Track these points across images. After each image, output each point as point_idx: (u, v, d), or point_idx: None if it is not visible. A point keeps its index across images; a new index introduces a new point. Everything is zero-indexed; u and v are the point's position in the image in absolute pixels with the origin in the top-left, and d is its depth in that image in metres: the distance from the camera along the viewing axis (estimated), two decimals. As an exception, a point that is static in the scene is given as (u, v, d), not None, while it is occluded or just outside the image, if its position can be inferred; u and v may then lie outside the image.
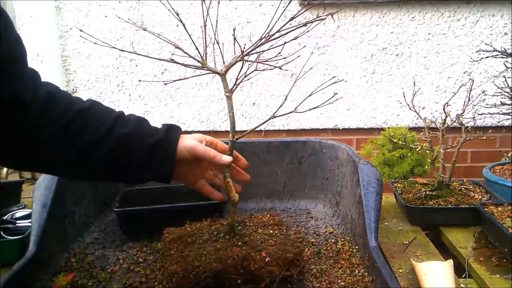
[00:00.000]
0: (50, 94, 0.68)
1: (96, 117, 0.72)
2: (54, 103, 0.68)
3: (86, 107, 0.72)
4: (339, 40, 2.28)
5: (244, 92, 2.34)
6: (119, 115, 0.75)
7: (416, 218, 1.19)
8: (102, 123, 0.72)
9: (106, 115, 0.73)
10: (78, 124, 0.69)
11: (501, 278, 0.92)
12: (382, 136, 1.35)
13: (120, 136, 0.72)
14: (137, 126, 0.75)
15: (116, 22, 2.27)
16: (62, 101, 0.70)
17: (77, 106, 0.71)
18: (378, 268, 0.79)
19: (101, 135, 0.71)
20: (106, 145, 0.71)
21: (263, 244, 0.85)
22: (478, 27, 2.28)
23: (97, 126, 0.71)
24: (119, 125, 0.73)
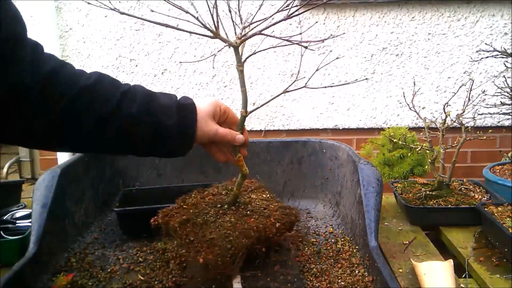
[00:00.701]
0: (53, 71, 0.65)
1: (102, 93, 0.69)
2: (57, 80, 0.65)
3: (92, 83, 0.68)
4: (339, 40, 2.28)
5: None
6: (126, 91, 0.71)
7: (416, 218, 1.19)
8: (109, 99, 0.69)
9: (113, 91, 0.70)
10: (83, 101, 0.66)
11: (501, 278, 0.92)
12: (382, 136, 1.35)
13: (128, 115, 0.70)
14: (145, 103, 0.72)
15: (116, 22, 2.27)
16: (66, 78, 0.66)
17: (82, 82, 0.67)
18: (378, 268, 0.79)
19: (109, 111, 0.68)
20: (115, 122, 0.69)
21: (266, 210, 0.91)
22: (478, 27, 2.28)
23: (102, 104, 0.68)
24: (126, 101, 0.70)
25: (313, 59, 2.25)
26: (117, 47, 2.30)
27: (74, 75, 0.68)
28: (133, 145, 0.73)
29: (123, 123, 0.69)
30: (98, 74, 0.70)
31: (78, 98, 0.66)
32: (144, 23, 2.26)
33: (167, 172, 1.29)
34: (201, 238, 0.80)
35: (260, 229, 0.84)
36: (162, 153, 0.77)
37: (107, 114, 0.68)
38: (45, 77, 0.64)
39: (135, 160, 1.28)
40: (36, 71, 0.63)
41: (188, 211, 0.87)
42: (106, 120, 0.68)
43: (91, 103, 0.67)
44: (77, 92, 0.66)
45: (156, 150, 0.75)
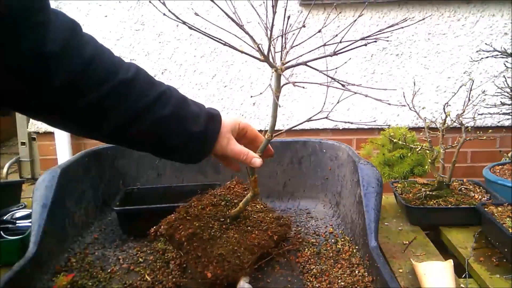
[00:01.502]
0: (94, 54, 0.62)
1: (138, 90, 0.67)
2: (96, 67, 0.62)
3: (130, 78, 0.66)
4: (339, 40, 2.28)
5: (244, 92, 2.34)
6: (162, 92, 0.70)
7: (416, 218, 1.19)
8: (143, 98, 0.67)
9: (149, 90, 0.69)
10: (118, 95, 0.64)
11: (501, 278, 0.92)
12: (382, 136, 1.35)
13: (158, 117, 0.69)
14: (178, 108, 0.72)
15: (116, 22, 2.27)
16: (105, 66, 0.63)
17: (120, 75, 0.65)
18: (378, 268, 0.79)
19: (139, 111, 0.67)
20: (144, 122, 0.68)
21: (263, 223, 0.96)
22: (478, 27, 2.28)
23: (137, 101, 0.67)
24: (159, 104, 0.69)
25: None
26: (117, 47, 2.30)
27: (113, 66, 0.65)
28: (156, 145, 0.73)
29: (152, 124, 0.69)
30: (136, 68, 0.69)
31: (114, 91, 0.64)
32: (144, 23, 2.26)
33: (167, 173, 1.29)
34: (209, 254, 0.81)
35: (262, 246, 0.89)
36: (180, 157, 0.77)
37: (138, 112, 0.67)
38: (84, 62, 0.60)
39: (135, 161, 1.28)
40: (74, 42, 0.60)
41: (192, 224, 0.87)
42: (136, 118, 0.67)
43: (125, 98, 0.66)
44: (114, 85, 0.64)
45: (175, 153, 0.76)
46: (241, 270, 0.81)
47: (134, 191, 1.19)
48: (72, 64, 0.59)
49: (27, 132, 2.61)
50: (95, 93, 0.62)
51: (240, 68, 2.30)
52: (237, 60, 2.29)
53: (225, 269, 0.79)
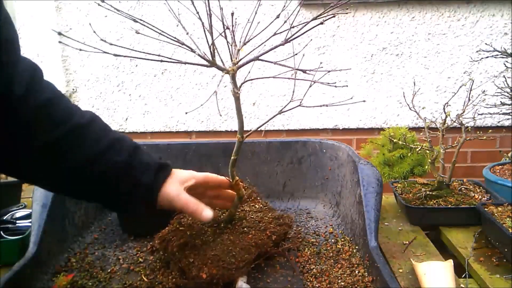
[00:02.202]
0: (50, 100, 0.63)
1: (93, 135, 0.68)
2: (53, 109, 0.64)
3: (85, 123, 0.68)
4: (339, 40, 2.28)
5: (244, 92, 2.34)
6: (115, 139, 0.71)
7: (416, 218, 1.19)
8: (98, 142, 0.68)
9: (103, 136, 0.69)
10: (73, 138, 0.65)
11: (501, 278, 0.92)
12: (382, 136, 1.35)
13: (111, 163, 0.69)
14: (130, 155, 0.71)
15: (116, 22, 2.27)
16: (62, 109, 0.65)
17: (76, 119, 0.66)
18: (378, 268, 0.79)
19: (95, 154, 0.67)
20: (97, 167, 0.68)
21: (261, 223, 0.95)
22: (478, 27, 2.28)
23: (92, 146, 0.67)
24: (113, 150, 0.70)
25: (313, 59, 2.25)
26: (117, 47, 2.30)
27: (69, 110, 0.67)
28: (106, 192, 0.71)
29: (106, 169, 0.69)
30: (91, 115, 0.70)
31: (69, 134, 0.65)
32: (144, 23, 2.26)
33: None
34: (202, 257, 0.81)
35: (259, 245, 0.88)
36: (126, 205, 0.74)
37: (93, 156, 0.67)
38: (41, 104, 0.62)
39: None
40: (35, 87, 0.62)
41: (185, 234, 0.87)
42: (91, 161, 0.67)
43: (82, 141, 0.66)
44: (70, 128, 0.65)
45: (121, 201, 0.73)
46: (236, 269, 0.80)
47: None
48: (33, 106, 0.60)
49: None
50: (52, 134, 0.63)
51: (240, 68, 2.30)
52: (237, 60, 2.29)
53: (220, 268, 0.78)
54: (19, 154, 0.63)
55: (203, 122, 2.41)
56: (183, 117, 2.40)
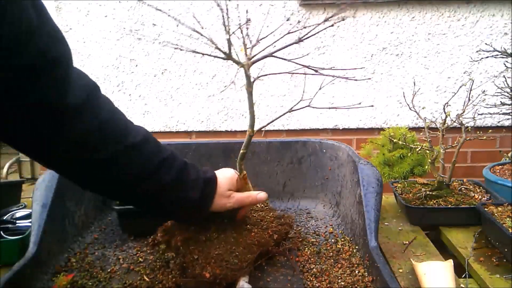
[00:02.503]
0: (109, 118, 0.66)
1: (145, 155, 0.71)
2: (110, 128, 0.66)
3: (138, 143, 0.70)
4: (339, 40, 2.28)
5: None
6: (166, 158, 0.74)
7: (416, 218, 1.19)
8: (149, 162, 0.71)
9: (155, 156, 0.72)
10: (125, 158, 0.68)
11: (501, 278, 0.92)
12: (382, 136, 1.35)
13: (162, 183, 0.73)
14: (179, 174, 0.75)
15: (116, 22, 2.27)
16: (117, 129, 0.68)
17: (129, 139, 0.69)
18: (378, 268, 0.79)
19: (145, 174, 0.71)
20: (147, 186, 0.71)
21: (263, 222, 0.95)
22: (478, 27, 2.28)
23: (143, 164, 0.70)
24: (164, 170, 0.73)
25: (313, 60, 2.25)
26: (117, 47, 2.30)
27: (124, 129, 0.69)
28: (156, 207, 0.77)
29: (155, 188, 0.72)
30: (144, 134, 0.72)
31: (122, 154, 0.67)
32: (144, 23, 2.26)
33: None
34: (207, 255, 0.81)
35: (261, 244, 0.88)
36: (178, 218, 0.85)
37: (143, 175, 0.71)
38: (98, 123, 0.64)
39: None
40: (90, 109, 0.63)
41: (189, 228, 0.87)
42: (141, 180, 0.71)
43: (133, 161, 0.69)
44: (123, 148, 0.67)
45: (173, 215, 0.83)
46: (239, 269, 0.81)
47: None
48: (89, 122, 0.63)
49: (27, 132, 2.61)
50: (105, 152, 0.65)
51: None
52: (237, 60, 2.29)
53: (224, 269, 0.79)
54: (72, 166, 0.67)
55: (203, 122, 2.41)
56: (183, 117, 2.40)
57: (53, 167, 0.69)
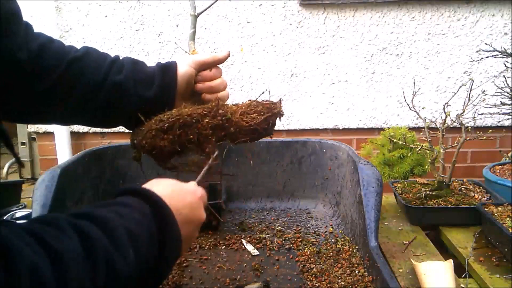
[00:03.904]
0: (42, 46, 0.68)
1: (91, 64, 0.71)
2: (47, 54, 0.67)
3: (80, 55, 0.71)
4: (339, 40, 2.27)
5: (244, 92, 2.34)
6: (114, 60, 0.74)
7: (416, 218, 1.19)
8: (98, 69, 0.71)
9: (101, 61, 0.72)
10: (72, 73, 0.69)
11: (501, 278, 0.92)
12: (382, 136, 1.35)
13: (115, 83, 0.71)
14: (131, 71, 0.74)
15: (116, 22, 2.27)
16: (55, 52, 0.69)
17: (71, 55, 0.70)
18: (378, 268, 0.79)
19: (96, 81, 0.70)
20: (102, 91, 0.71)
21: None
22: (478, 27, 2.28)
23: (92, 73, 0.70)
24: (114, 71, 0.72)
25: (313, 60, 2.25)
26: (117, 47, 2.30)
27: (63, 49, 0.70)
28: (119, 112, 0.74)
29: (110, 91, 0.71)
30: (86, 47, 0.73)
31: (68, 69, 0.68)
32: (144, 23, 2.26)
33: (167, 172, 1.29)
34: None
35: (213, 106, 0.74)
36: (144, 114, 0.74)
37: (96, 83, 0.70)
38: (37, 50, 0.66)
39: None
40: (29, 44, 0.66)
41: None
42: (95, 89, 0.70)
43: (81, 73, 0.70)
44: (67, 63, 0.69)
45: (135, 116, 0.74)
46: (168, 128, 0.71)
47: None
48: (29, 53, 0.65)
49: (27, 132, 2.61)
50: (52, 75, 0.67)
51: (240, 68, 2.30)
52: (237, 60, 2.29)
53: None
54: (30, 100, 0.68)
55: (203, 122, 2.41)
56: (183, 117, 2.40)
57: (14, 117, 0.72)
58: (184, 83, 0.77)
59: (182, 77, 0.77)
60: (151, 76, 0.75)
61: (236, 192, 1.28)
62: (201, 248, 1.03)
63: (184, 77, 0.77)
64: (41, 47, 0.67)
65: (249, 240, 1.06)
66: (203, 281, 0.88)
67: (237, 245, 1.04)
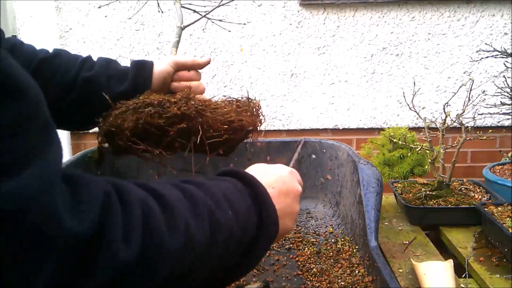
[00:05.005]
0: (13, 46, 0.67)
1: (62, 64, 0.70)
2: (16, 54, 0.67)
3: (52, 56, 0.70)
4: (339, 40, 2.27)
5: (244, 92, 2.34)
6: (85, 59, 0.73)
7: (416, 218, 1.19)
8: (69, 68, 0.70)
9: (73, 61, 0.72)
10: (43, 72, 0.68)
11: (501, 278, 0.92)
12: (382, 136, 1.35)
13: (86, 79, 0.70)
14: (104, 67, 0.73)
15: (116, 22, 2.27)
16: (25, 52, 0.68)
17: (42, 55, 0.69)
18: (378, 268, 0.79)
19: (68, 80, 0.69)
20: (74, 90, 0.70)
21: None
22: (478, 27, 2.28)
23: (64, 72, 0.70)
24: (85, 68, 0.71)
25: (313, 59, 2.25)
26: (117, 47, 2.30)
27: (34, 51, 0.70)
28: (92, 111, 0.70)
29: (81, 89, 0.71)
30: (57, 49, 0.73)
31: (38, 70, 0.68)
32: (144, 23, 2.26)
33: (167, 172, 1.29)
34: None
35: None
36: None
37: (67, 83, 0.70)
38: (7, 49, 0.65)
39: (135, 160, 1.27)
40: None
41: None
42: (67, 89, 0.70)
43: (52, 74, 0.69)
44: (38, 64, 0.68)
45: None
46: None
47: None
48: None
49: (27, 132, 2.62)
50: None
51: (240, 68, 2.30)
52: (237, 60, 2.29)
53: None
54: None
55: (203, 122, 2.41)
56: (183, 117, 2.40)
57: None
58: (161, 80, 0.77)
59: (158, 74, 0.76)
60: (124, 72, 0.75)
61: (236, 192, 1.28)
62: (201, 248, 1.03)
63: (161, 74, 0.77)
64: (12, 46, 0.67)
65: (249, 240, 1.06)
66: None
67: (237, 245, 1.04)
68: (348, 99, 2.34)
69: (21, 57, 0.67)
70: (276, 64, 2.29)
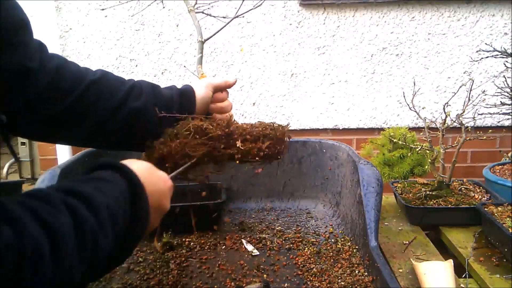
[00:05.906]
0: (59, 67, 0.67)
1: (108, 88, 0.71)
2: (64, 76, 0.67)
3: (97, 78, 0.71)
4: (339, 40, 2.27)
5: (244, 92, 2.34)
6: (132, 86, 0.74)
7: (416, 218, 1.19)
8: (114, 94, 0.71)
9: (118, 86, 0.73)
10: (89, 96, 0.69)
11: (501, 278, 0.92)
12: (382, 136, 1.35)
13: (135, 109, 0.72)
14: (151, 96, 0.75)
15: (116, 22, 2.26)
16: (72, 74, 0.69)
17: (88, 78, 0.70)
18: (378, 268, 0.79)
19: (113, 107, 0.71)
20: (119, 117, 0.71)
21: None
22: (478, 27, 2.28)
23: (109, 98, 0.71)
24: (133, 97, 0.73)
25: (313, 59, 2.25)
26: (117, 47, 2.30)
27: (79, 71, 0.71)
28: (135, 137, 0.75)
29: (128, 117, 0.72)
30: (103, 71, 0.74)
31: (85, 92, 0.68)
32: (144, 23, 2.26)
33: (167, 173, 1.29)
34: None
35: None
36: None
37: (113, 108, 0.71)
38: (54, 70, 0.66)
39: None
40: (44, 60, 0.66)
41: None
42: (111, 114, 0.71)
43: (98, 97, 0.70)
44: (85, 87, 0.68)
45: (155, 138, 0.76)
46: None
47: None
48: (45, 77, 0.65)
49: (27, 132, 2.62)
50: (69, 97, 0.67)
51: (240, 68, 2.30)
52: (237, 60, 2.29)
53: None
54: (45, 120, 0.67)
55: (203, 122, 2.40)
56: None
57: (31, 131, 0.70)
58: (203, 104, 0.82)
59: (202, 99, 0.82)
60: (169, 101, 0.78)
61: (236, 192, 1.28)
62: (201, 248, 1.03)
63: (204, 99, 0.82)
64: (59, 67, 0.67)
65: (249, 240, 1.06)
66: (203, 281, 0.88)
67: (237, 245, 1.04)
68: (348, 99, 2.34)
69: (68, 80, 0.68)
70: (276, 64, 2.29)
